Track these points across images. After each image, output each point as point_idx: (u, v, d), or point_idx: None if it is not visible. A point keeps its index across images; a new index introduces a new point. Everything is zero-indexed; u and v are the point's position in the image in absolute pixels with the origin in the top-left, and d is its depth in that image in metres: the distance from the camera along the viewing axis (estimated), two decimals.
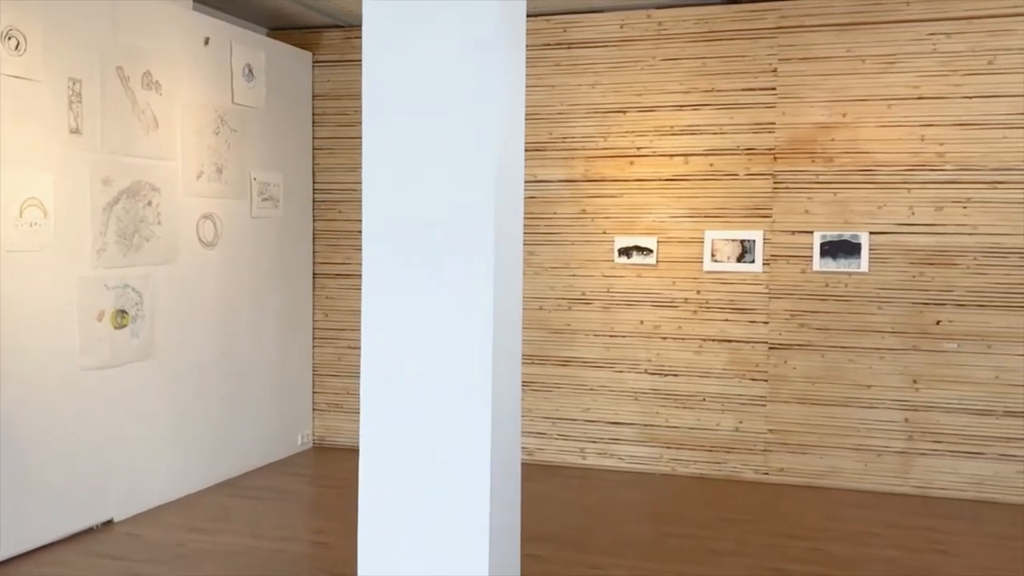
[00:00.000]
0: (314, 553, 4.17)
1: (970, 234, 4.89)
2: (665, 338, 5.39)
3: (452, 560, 2.60)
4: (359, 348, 2.58)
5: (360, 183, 2.55)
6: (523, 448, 5.56)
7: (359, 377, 2.59)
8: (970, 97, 4.87)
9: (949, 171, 4.90)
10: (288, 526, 4.51)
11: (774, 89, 5.16)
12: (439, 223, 2.57)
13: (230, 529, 4.40)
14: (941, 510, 4.76)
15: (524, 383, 5.55)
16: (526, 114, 5.40)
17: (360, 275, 2.57)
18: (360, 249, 2.55)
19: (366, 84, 2.59)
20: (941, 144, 4.91)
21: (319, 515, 4.78)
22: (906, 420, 5.00)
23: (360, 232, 2.55)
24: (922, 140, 4.93)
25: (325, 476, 5.46)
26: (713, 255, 5.30)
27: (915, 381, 4.98)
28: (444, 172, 2.56)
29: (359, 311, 2.58)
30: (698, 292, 5.34)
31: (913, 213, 4.97)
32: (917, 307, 4.97)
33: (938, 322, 4.94)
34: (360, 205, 2.55)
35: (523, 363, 5.48)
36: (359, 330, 2.57)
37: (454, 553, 2.61)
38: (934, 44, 4.90)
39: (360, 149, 2.54)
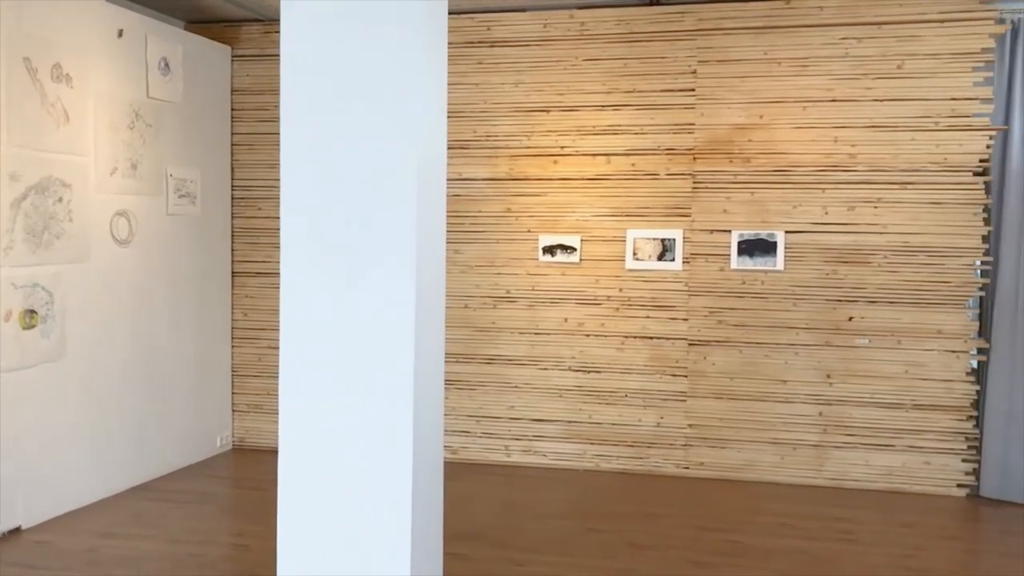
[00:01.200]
0: (233, 556, 4.09)
1: (881, 233, 5.05)
2: (588, 335, 5.44)
3: (374, 560, 2.59)
4: (279, 348, 2.55)
5: (280, 180, 2.52)
6: (447, 447, 5.56)
7: (279, 378, 2.56)
8: (880, 100, 5.03)
9: (861, 172, 5.06)
10: (206, 529, 4.42)
11: (693, 91, 5.26)
12: (359, 221, 2.55)
13: (145, 534, 4.29)
14: (853, 501, 4.92)
15: (449, 381, 5.55)
16: (449, 112, 5.44)
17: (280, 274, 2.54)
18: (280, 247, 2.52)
19: (284, 81, 2.55)
20: (853, 145, 5.06)
21: (239, 518, 4.70)
22: (820, 414, 5.15)
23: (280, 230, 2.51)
24: (835, 141, 5.08)
25: (245, 478, 5.37)
26: (635, 254, 5.37)
27: (828, 376, 5.13)
28: (364, 170, 2.54)
29: (279, 310, 2.55)
30: (620, 290, 5.40)
31: (827, 213, 5.11)
32: (831, 304, 5.12)
33: (850, 318, 5.10)
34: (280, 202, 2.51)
35: (448, 361, 5.52)
36: (279, 330, 2.54)
37: (376, 553, 2.60)
38: (846, 48, 5.05)
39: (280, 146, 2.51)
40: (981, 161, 4.92)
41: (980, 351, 4.99)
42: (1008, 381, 4.89)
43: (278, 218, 2.62)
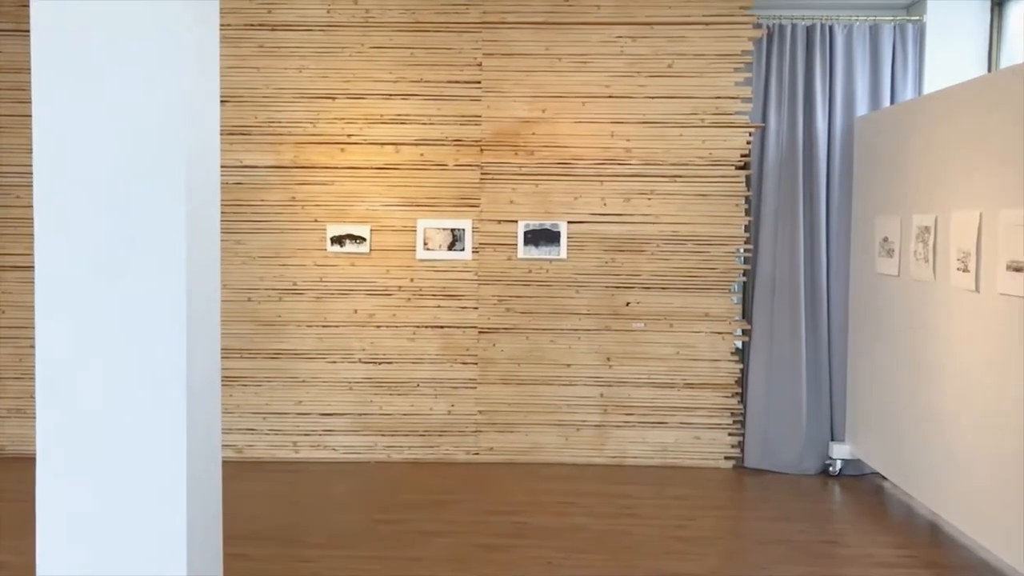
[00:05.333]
0: None
1: (654, 223, 5.34)
2: (379, 326, 5.41)
3: (148, 565, 2.47)
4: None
5: (33, 166, 2.33)
6: (232, 445, 5.36)
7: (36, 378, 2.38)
8: (653, 97, 5.31)
9: (635, 165, 5.32)
10: None
11: (479, 83, 5.33)
12: (119, 210, 2.41)
13: None
14: (631, 477, 5.19)
15: (232, 378, 5.35)
16: (229, 96, 5.23)
17: None
18: None
19: (36, 60, 2.37)
20: (628, 140, 5.31)
21: None
22: (601, 395, 5.39)
23: None
24: (612, 136, 5.31)
25: (6, 489, 4.94)
26: (425, 243, 5.39)
27: (608, 359, 5.37)
28: (126, 155, 2.40)
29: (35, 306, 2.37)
30: (411, 280, 5.40)
31: (605, 204, 5.34)
32: (609, 290, 5.36)
33: (627, 304, 5.36)
34: None
35: (231, 357, 5.32)
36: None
37: (150, 558, 2.48)
38: (621, 47, 5.29)
39: None
40: (742, 156, 5.30)
41: (743, 332, 5.39)
42: (767, 359, 5.31)
43: None
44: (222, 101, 4.85)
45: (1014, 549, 3.51)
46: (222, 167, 2.82)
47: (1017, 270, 3.45)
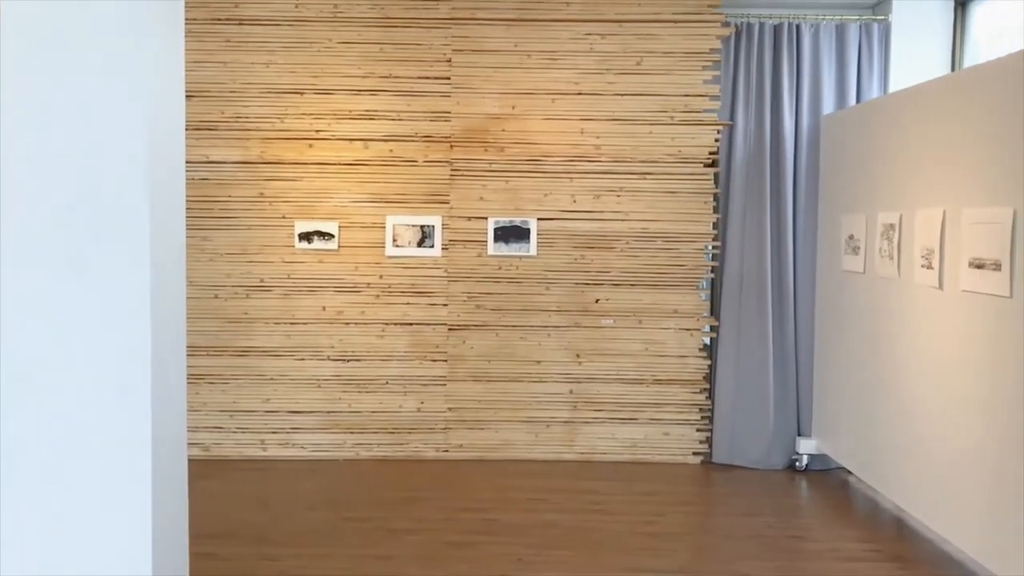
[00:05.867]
0: None
1: (623, 220, 5.36)
2: (348, 323, 5.38)
3: (113, 565, 2.44)
4: None
5: None
6: (199, 443, 5.31)
7: None
8: (622, 95, 5.32)
9: (605, 162, 5.33)
10: None
11: (449, 79, 5.31)
12: (84, 206, 2.37)
13: None
14: (601, 473, 5.20)
15: (199, 376, 5.30)
16: (195, 91, 5.18)
17: None
18: None
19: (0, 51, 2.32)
20: (598, 137, 5.32)
21: None
22: (571, 392, 5.40)
23: None
24: (581, 133, 5.32)
25: None
26: (395, 240, 5.36)
27: (578, 355, 5.39)
28: (88, 151, 2.36)
29: None
30: (380, 277, 5.38)
31: (575, 201, 5.35)
32: (579, 287, 5.37)
33: (597, 300, 5.37)
34: None
35: (198, 355, 5.26)
36: None
37: (114, 559, 2.44)
38: (591, 44, 5.30)
39: None
40: (711, 154, 5.34)
41: (711, 328, 5.43)
42: (734, 355, 5.35)
43: None
44: (188, 96, 4.83)
45: (976, 542, 3.57)
46: (188, 163, 2.79)
47: (979, 267, 3.51)
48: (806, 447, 5.28)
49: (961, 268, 3.65)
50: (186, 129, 2.70)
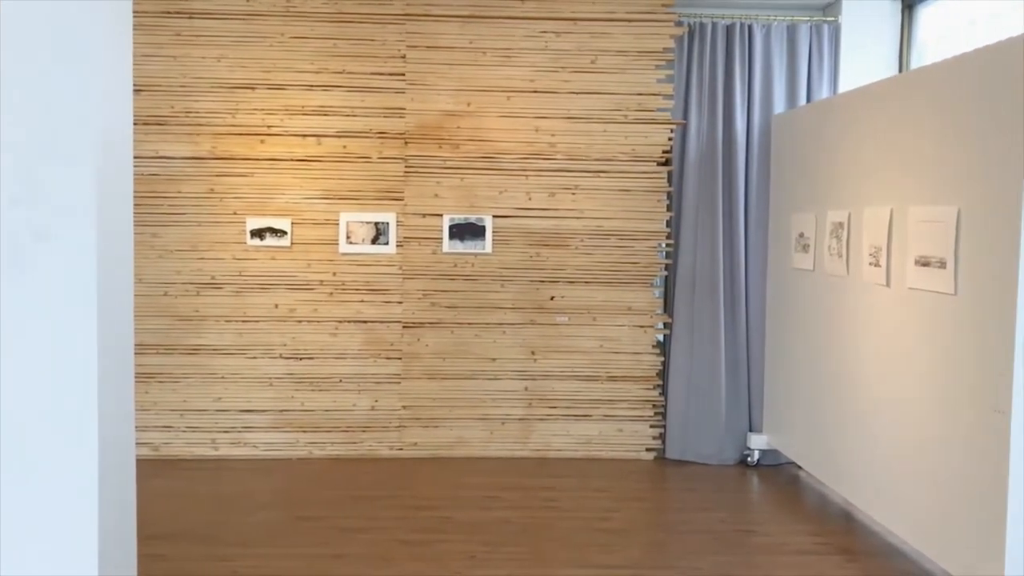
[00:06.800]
0: None
1: (578, 218, 5.37)
2: (300, 321, 5.33)
3: (59, 567, 2.39)
4: None
5: None
6: (148, 443, 5.23)
7: None
8: (577, 93, 5.33)
9: (560, 160, 5.35)
10: None
11: (403, 75, 5.28)
12: (28, 202, 2.31)
13: None
14: (555, 470, 5.22)
15: (148, 374, 5.21)
16: (144, 85, 5.09)
17: None
18: None
19: None
20: (553, 135, 5.33)
21: None
22: (526, 389, 5.40)
23: None
24: (537, 131, 5.32)
25: None
26: (348, 237, 5.32)
27: (533, 352, 5.39)
28: (32, 145, 2.30)
29: None
30: (334, 274, 5.33)
31: (530, 198, 5.35)
32: (534, 284, 5.38)
33: (552, 298, 5.38)
34: None
35: (147, 353, 5.18)
36: None
37: (60, 560, 2.39)
38: (546, 41, 5.30)
39: None
40: (664, 152, 5.37)
41: (665, 325, 5.47)
42: (687, 352, 5.40)
43: None
44: (137, 90, 4.75)
45: (921, 534, 3.65)
46: (137, 158, 2.74)
47: (925, 265, 3.58)
48: (757, 442, 5.35)
49: (908, 266, 3.73)
50: (135, 124, 2.66)
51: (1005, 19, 4.46)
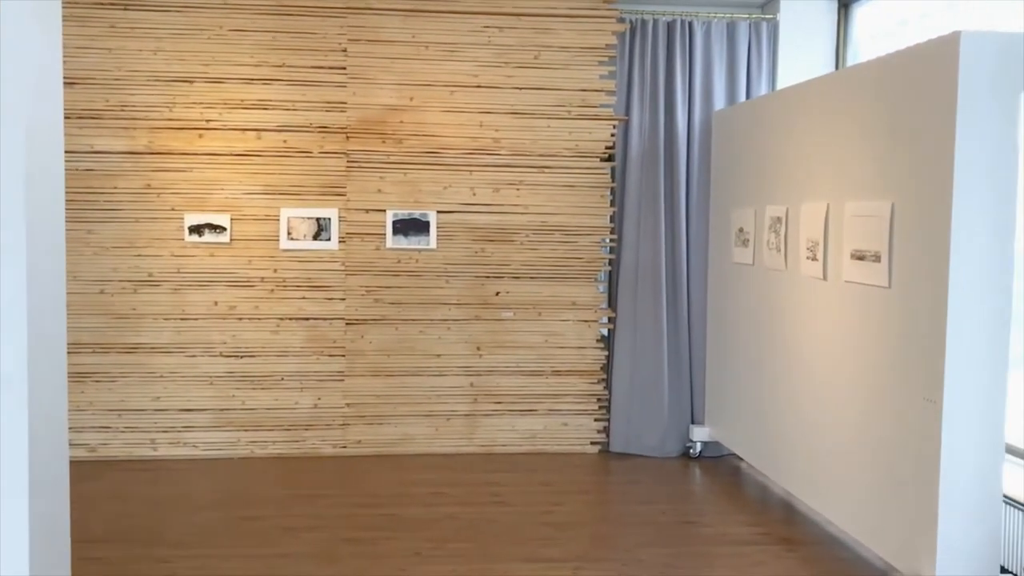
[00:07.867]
0: None
1: (523, 213, 5.38)
2: (241, 319, 5.25)
3: None
4: None
5: None
6: (85, 444, 5.11)
7: None
8: (520, 88, 5.34)
9: (504, 155, 5.34)
10: None
11: (344, 69, 5.23)
12: None
13: None
14: (501, 465, 5.22)
15: (84, 374, 5.09)
16: (76, 78, 4.96)
17: None
18: None
19: None
20: (497, 130, 5.33)
21: None
22: (471, 384, 5.40)
23: None
24: (481, 126, 5.31)
25: None
26: (289, 233, 5.25)
27: (478, 348, 5.39)
28: None
29: None
30: (275, 271, 5.26)
31: (475, 194, 5.34)
32: (479, 280, 5.37)
33: (497, 293, 5.39)
34: None
35: (82, 352, 5.06)
36: None
37: None
38: (489, 36, 5.29)
39: None
40: (607, 148, 5.41)
41: (608, 320, 5.51)
42: (630, 346, 5.45)
43: None
44: (69, 83, 4.62)
45: (859, 523, 3.73)
46: (70, 152, 2.68)
47: (860, 259, 3.66)
48: (699, 435, 5.42)
49: (844, 260, 3.81)
50: (68, 118, 2.59)
51: (934, 19, 4.58)
